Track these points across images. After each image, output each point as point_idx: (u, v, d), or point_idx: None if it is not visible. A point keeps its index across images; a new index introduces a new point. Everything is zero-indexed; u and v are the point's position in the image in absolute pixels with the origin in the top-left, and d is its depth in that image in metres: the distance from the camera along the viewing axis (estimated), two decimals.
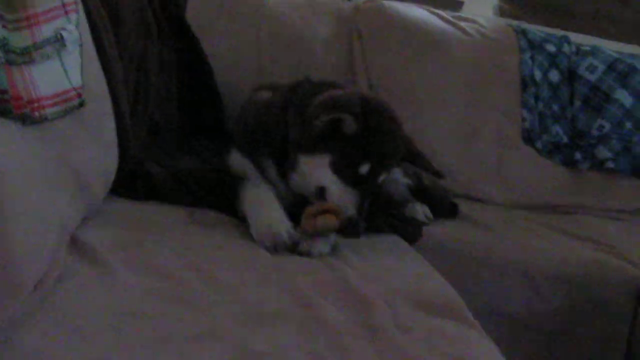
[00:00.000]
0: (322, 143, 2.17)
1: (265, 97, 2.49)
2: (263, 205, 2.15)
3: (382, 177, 2.23)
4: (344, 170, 2.15)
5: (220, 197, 2.31)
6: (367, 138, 2.15)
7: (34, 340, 1.32)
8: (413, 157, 2.38)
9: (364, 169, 2.15)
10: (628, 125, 3.64)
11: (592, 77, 3.67)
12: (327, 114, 2.11)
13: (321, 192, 2.18)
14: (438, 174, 2.39)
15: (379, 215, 2.42)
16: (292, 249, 2.03)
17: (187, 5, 3.26)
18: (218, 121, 3.17)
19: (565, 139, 3.62)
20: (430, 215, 2.79)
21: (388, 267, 2.07)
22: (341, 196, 2.14)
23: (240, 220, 2.20)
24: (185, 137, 2.99)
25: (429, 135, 3.28)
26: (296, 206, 2.19)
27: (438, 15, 3.70)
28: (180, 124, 3.01)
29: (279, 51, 3.39)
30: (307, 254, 2.03)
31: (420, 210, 2.78)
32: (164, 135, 2.81)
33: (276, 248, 2.00)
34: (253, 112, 2.47)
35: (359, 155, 2.15)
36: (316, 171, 2.18)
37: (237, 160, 2.41)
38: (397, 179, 2.71)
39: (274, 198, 2.19)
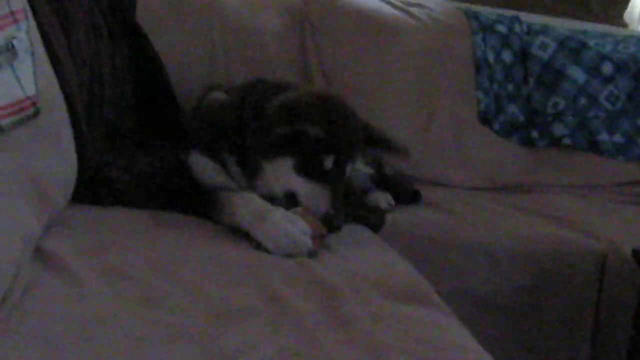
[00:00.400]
0: (282, 148, 2.17)
1: (220, 98, 2.47)
2: (267, 211, 2.08)
3: (348, 168, 2.22)
4: (309, 169, 2.15)
5: (188, 204, 2.29)
6: (326, 134, 2.15)
7: (3, 355, 1.31)
8: (375, 142, 2.36)
9: (328, 162, 2.14)
10: (582, 101, 3.69)
11: (545, 55, 3.71)
12: (289, 125, 2.13)
13: (292, 196, 2.18)
14: (403, 152, 2.37)
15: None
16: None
17: (136, 4, 3.25)
18: (174, 119, 3.16)
19: (521, 118, 3.66)
20: (392, 202, 2.81)
21: (354, 257, 2.07)
22: (312, 196, 2.14)
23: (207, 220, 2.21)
24: (143, 137, 2.97)
25: (385, 123, 3.27)
26: None
27: (388, 2, 3.72)
28: (136, 125, 3.00)
29: (231, 46, 3.39)
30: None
31: (382, 198, 2.80)
32: (121, 137, 2.79)
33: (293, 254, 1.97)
34: (210, 113, 2.45)
35: (321, 151, 2.15)
36: (281, 176, 2.18)
37: (198, 161, 2.39)
38: (358, 168, 2.71)
39: (269, 205, 2.13)
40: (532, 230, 2.83)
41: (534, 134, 3.63)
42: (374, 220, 2.51)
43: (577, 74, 3.69)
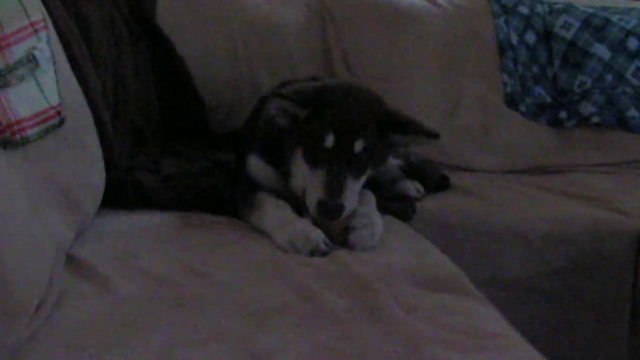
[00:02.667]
0: (293, 139, 2.16)
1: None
2: (291, 220, 2.08)
3: (357, 146, 2.10)
4: (313, 154, 2.10)
5: (217, 203, 2.31)
6: (324, 113, 2.10)
7: None
8: (403, 126, 2.24)
9: (328, 141, 2.06)
10: (609, 78, 3.65)
11: (568, 35, 3.67)
12: (266, 109, 2.14)
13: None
14: (433, 135, 2.31)
15: None
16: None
17: (156, 7, 3.26)
18: (199, 121, 3.17)
19: (548, 99, 3.63)
20: (421, 189, 2.79)
21: (386, 248, 2.07)
22: (311, 185, 2.08)
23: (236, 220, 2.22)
24: (169, 140, 2.98)
25: (411, 110, 3.26)
26: None
27: None
28: (162, 126, 3.01)
29: (252, 43, 3.39)
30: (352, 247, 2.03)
31: (411, 187, 2.78)
32: (147, 140, 2.81)
33: (312, 252, 1.96)
34: (267, 119, 2.35)
35: (320, 130, 2.08)
36: (298, 169, 2.16)
37: (257, 164, 2.37)
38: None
39: (294, 213, 2.14)
40: (564, 211, 2.80)
41: (562, 114, 3.60)
42: (403, 210, 2.51)
43: (602, 51, 3.65)
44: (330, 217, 2.04)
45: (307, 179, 2.11)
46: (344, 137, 2.08)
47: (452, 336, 1.53)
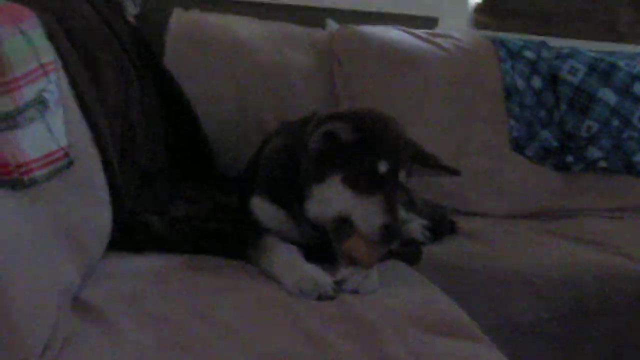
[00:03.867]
0: (329, 164, 2.11)
1: (279, 142, 2.42)
2: (300, 264, 2.06)
3: (402, 176, 2.12)
4: (360, 180, 2.06)
5: (224, 246, 2.29)
6: (373, 138, 2.09)
7: None
8: (425, 158, 2.25)
9: (383, 167, 2.05)
10: (615, 122, 3.66)
11: (575, 80, 3.69)
12: (318, 129, 2.08)
13: (343, 221, 2.09)
14: (454, 172, 2.30)
15: None
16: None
17: (165, 49, 3.29)
18: (206, 164, 3.18)
19: (555, 143, 3.64)
20: (427, 234, 2.78)
21: (392, 293, 2.05)
22: (365, 212, 2.04)
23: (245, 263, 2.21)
24: (176, 182, 2.98)
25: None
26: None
27: (413, 34, 3.72)
28: (168, 167, 3.02)
29: (258, 86, 3.40)
30: (355, 292, 2.00)
31: (419, 229, 2.77)
32: (154, 182, 2.81)
33: (319, 297, 1.94)
34: (271, 158, 2.41)
35: (372, 155, 2.07)
36: (332, 196, 2.10)
37: (262, 206, 2.34)
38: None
39: (302, 257, 2.12)
40: (571, 256, 2.80)
41: (569, 158, 3.61)
42: (410, 253, 2.49)
43: (608, 96, 3.67)
44: (392, 240, 2.04)
45: (355, 204, 2.06)
46: (394, 165, 2.08)
47: None
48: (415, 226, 2.79)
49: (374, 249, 2.06)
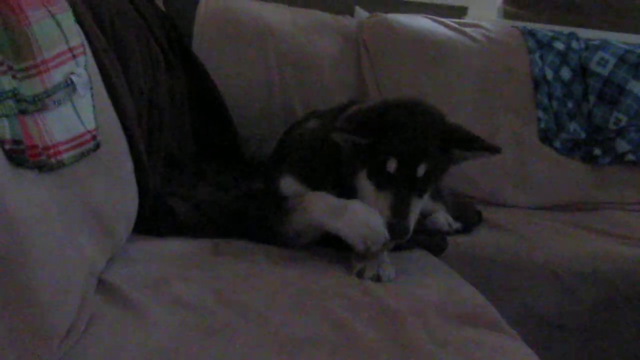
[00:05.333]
0: (358, 159, 2.13)
1: (313, 126, 2.46)
2: (344, 204, 2.08)
3: (420, 171, 2.08)
4: (377, 176, 2.09)
5: (249, 229, 2.30)
6: (388, 136, 2.08)
7: None
8: (466, 142, 2.21)
9: (391, 166, 2.05)
10: None
11: (604, 71, 3.66)
12: (341, 138, 2.12)
13: None
14: (495, 150, 2.22)
15: None
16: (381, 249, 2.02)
17: (193, 34, 3.29)
18: (233, 149, 3.18)
19: (583, 136, 3.62)
20: (453, 224, 2.77)
21: (417, 282, 2.05)
22: (375, 205, 2.07)
23: (274, 246, 2.21)
24: (202, 166, 2.99)
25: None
26: None
27: (443, 23, 3.71)
28: (195, 153, 3.02)
29: (287, 73, 3.42)
30: (377, 279, 2.02)
31: (444, 220, 2.76)
32: (181, 167, 2.82)
33: (371, 247, 1.99)
34: (306, 142, 2.43)
35: (383, 155, 2.07)
36: (362, 188, 2.13)
37: (290, 186, 2.34)
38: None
39: (344, 200, 2.12)
40: (597, 248, 2.78)
41: (597, 151, 3.58)
42: (435, 244, 2.49)
43: (638, 88, 3.63)
44: (396, 237, 2.05)
45: (372, 199, 2.09)
46: (407, 162, 2.07)
47: None
48: (441, 217, 2.78)
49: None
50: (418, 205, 2.11)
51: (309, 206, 2.14)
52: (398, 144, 2.07)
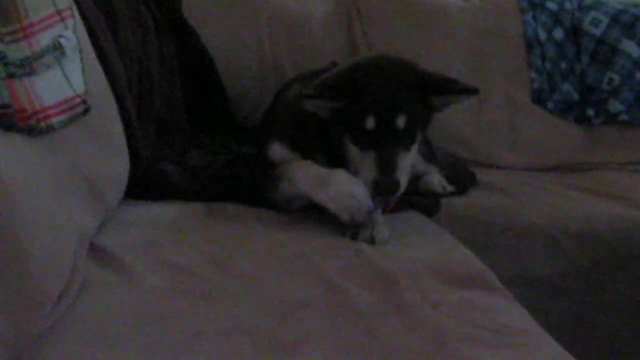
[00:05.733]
0: (339, 125, 2.11)
1: (297, 90, 2.38)
2: (328, 174, 2.07)
3: (400, 122, 2.05)
4: (359, 137, 2.06)
5: (241, 192, 2.29)
6: (361, 95, 2.06)
7: (61, 353, 1.32)
8: (441, 87, 2.17)
9: (369, 123, 2.03)
10: (638, 75, 3.61)
11: (597, 31, 3.63)
12: (312, 106, 2.11)
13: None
14: (472, 90, 2.20)
15: None
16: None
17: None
18: (224, 113, 3.17)
19: (576, 96, 3.60)
20: (447, 185, 2.76)
21: (411, 244, 2.05)
22: (360, 166, 2.06)
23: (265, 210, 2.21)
24: (194, 132, 2.98)
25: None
26: None
27: None
28: (186, 118, 3.01)
29: (278, 36, 3.39)
30: (371, 242, 2.01)
31: (437, 182, 2.75)
32: (172, 132, 2.81)
33: (355, 217, 1.98)
34: (291, 106, 2.37)
35: (359, 114, 2.05)
36: (349, 153, 2.11)
37: (279, 151, 2.32)
38: None
39: (329, 169, 2.11)
40: (591, 209, 2.77)
41: (590, 111, 3.57)
42: (428, 205, 2.48)
43: (631, 48, 3.61)
44: (387, 194, 2.04)
45: (358, 161, 2.08)
46: (385, 116, 2.04)
47: (478, 332, 1.51)
48: (434, 178, 2.77)
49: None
50: (406, 159, 2.08)
51: (294, 177, 2.13)
52: (372, 100, 2.05)
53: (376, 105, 2.05)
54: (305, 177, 2.10)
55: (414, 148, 2.14)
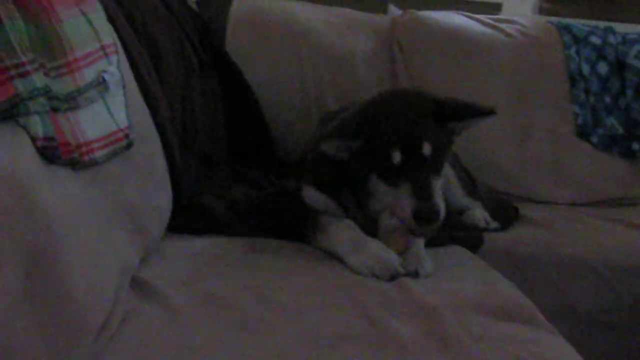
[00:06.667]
0: (367, 164, 2.13)
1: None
2: (364, 241, 2.07)
3: (426, 150, 2.07)
4: (387, 173, 2.07)
5: (282, 228, 2.29)
6: (380, 132, 2.07)
7: None
8: (457, 112, 2.18)
9: (396, 157, 2.04)
10: None
11: None
12: (333, 148, 2.13)
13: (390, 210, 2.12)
14: (488, 112, 2.20)
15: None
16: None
17: (226, 35, 3.29)
18: (267, 148, 3.18)
19: (620, 130, 3.57)
20: (490, 220, 2.75)
21: (453, 277, 2.04)
22: (395, 201, 2.06)
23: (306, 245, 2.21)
24: (236, 166, 2.99)
25: (481, 140, 3.27)
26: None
27: (477, 19, 3.68)
28: (230, 155, 3.02)
29: (321, 72, 3.41)
30: (415, 275, 1.99)
31: (480, 216, 2.74)
32: (215, 167, 2.82)
33: (392, 277, 1.95)
34: (314, 150, 2.34)
35: (383, 150, 2.05)
36: (376, 192, 2.14)
37: (312, 195, 2.35)
38: (454, 186, 2.69)
39: (362, 232, 2.13)
40: (637, 243, 2.73)
41: (635, 145, 3.54)
42: (471, 239, 2.47)
43: None
44: (428, 221, 2.02)
45: (390, 197, 2.09)
46: (410, 147, 2.05)
47: None
48: (477, 213, 2.75)
49: (405, 235, 2.08)
50: (438, 185, 2.09)
51: (334, 237, 2.13)
52: (393, 133, 2.06)
53: (399, 138, 2.06)
54: (343, 239, 2.10)
55: (442, 175, 2.15)
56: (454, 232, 2.44)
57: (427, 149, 2.06)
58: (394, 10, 3.78)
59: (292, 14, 3.51)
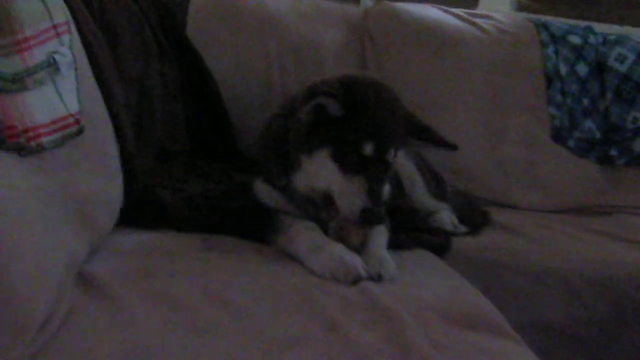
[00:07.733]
0: (317, 137, 2.10)
1: (272, 120, 2.39)
2: (325, 243, 2.06)
3: (390, 155, 2.11)
4: (346, 158, 2.06)
5: (240, 226, 2.28)
6: (361, 116, 2.07)
7: None
8: (419, 132, 2.25)
9: (368, 148, 2.05)
10: None
11: (623, 68, 3.64)
12: (305, 103, 2.07)
13: (328, 199, 2.11)
14: (450, 146, 2.28)
15: (402, 230, 2.38)
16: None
17: (187, 19, 3.26)
18: (226, 139, 3.16)
19: (598, 135, 3.59)
20: (457, 224, 2.75)
21: (417, 283, 2.03)
22: (348, 192, 2.05)
23: (262, 244, 2.19)
24: (195, 159, 2.97)
25: (451, 140, 3.26)
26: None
27: (452, 13, 3.69)
28: (188, 145, 3.00)
29: (288, 63, 3.39)
30: (378, 278, 1.98)
31: (448, 219, 2.75)
32: (172, 159, 2.80)
33: (354, 281, 1.93)
34: (264, 138, 2.40)
35: (359, 135, 2.06)
36: (320, 169, 2.11)
37: (262, 188, 2.35)
38: (419, 188, 2.70)
39: (324, 235, 2.13)
40: (608, 254, 2.75)
41: (613, 151, 3.56)
42: (438, 244, 2.48)
43: None
44: (372, 223, 2.06)
45: (338, 182, 2.07)
46: (381, 146, 2.07)
47: None
48: (445, 216, 2.76)
49: (359, 229, 2.12)
50: (386, 191, 2.14)
51: (294, 238, 2.11)
52: (373, 125, 2.08)
53: (378, 133, 2.07)
54: (304, 241, 2.08)
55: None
56: (421, 235, 2.44)
57: (391, 155, 2.11)
58: (367, 0, 3.78)
59: (259, 1, 3.49)
